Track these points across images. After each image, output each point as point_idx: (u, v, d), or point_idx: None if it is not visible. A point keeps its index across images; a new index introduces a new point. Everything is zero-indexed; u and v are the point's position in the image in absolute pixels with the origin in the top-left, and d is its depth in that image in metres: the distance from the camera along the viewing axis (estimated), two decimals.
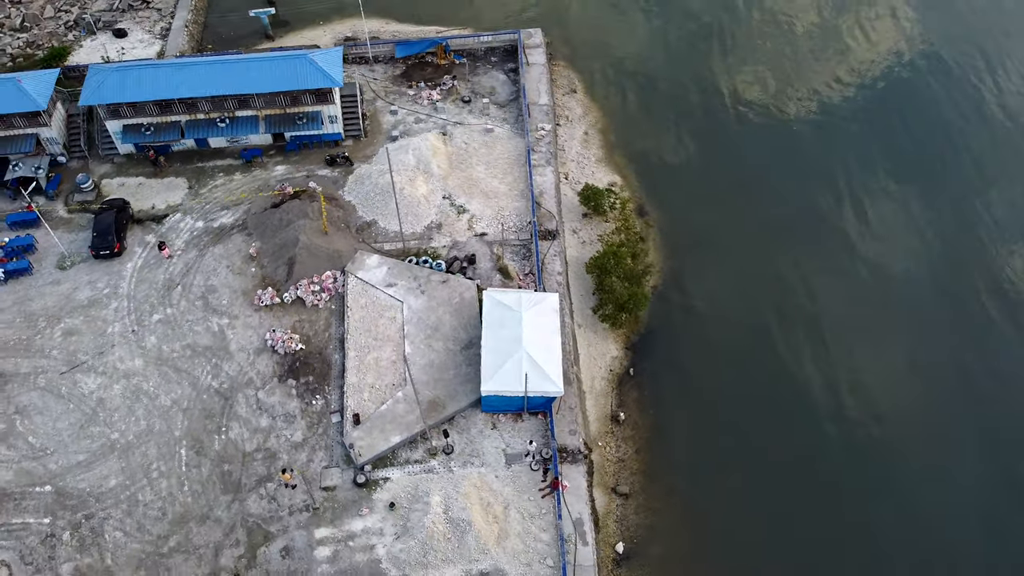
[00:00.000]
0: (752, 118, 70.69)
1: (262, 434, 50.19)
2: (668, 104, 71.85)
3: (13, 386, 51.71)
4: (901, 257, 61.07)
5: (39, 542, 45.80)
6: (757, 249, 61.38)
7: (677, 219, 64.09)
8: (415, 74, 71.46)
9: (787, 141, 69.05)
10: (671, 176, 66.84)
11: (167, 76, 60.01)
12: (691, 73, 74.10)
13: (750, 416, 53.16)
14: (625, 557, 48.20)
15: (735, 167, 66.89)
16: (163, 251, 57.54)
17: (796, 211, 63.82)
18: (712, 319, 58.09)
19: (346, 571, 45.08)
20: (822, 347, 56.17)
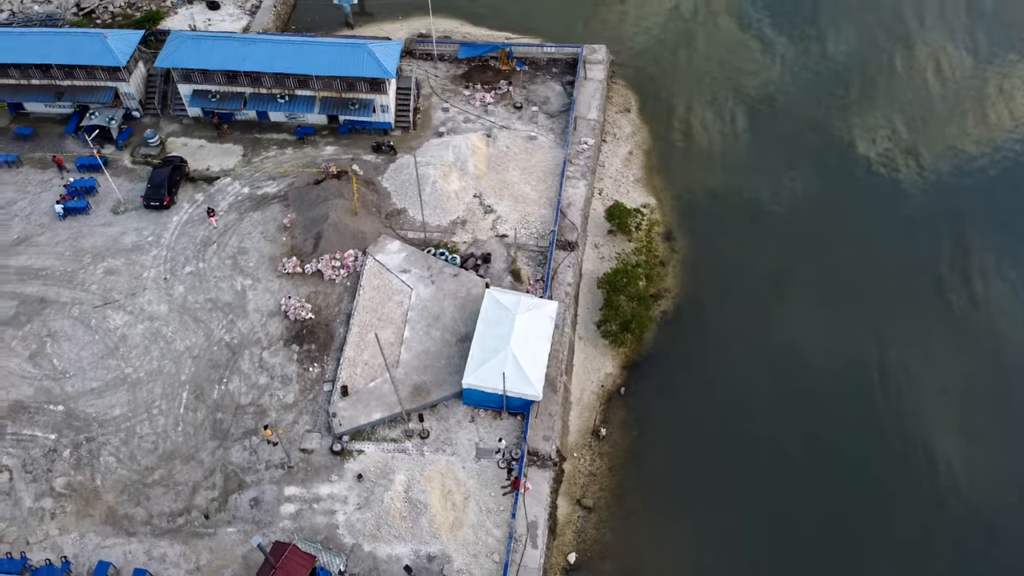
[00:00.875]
0: (817, 161, 69.27)
1: (258, 390, 53.32)
2: (723, 136, 71.64)
3: (51, 312, 56.65)
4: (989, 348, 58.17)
5: (41, 455, 50.20)
6: (786, 300, 60.00)
7: (704, 251, 63.81)
8: (475, 76, 73.76)
9: (855, 192, 66.97)
10: (708, 208, 66.42)
11: (236, 49, 64.35)
12: (751, 106, 73.65)
13: (730, 458, 52.72)
14: (575, 568, 48.85)
15: (780, 210, 65.80)
16: (211, 217, 61.30)
17: (850, 268, 61.80)
18: (715, 357, 57.63)
19: (304, 529, 47.54)
20: (829, 422, 54.57)
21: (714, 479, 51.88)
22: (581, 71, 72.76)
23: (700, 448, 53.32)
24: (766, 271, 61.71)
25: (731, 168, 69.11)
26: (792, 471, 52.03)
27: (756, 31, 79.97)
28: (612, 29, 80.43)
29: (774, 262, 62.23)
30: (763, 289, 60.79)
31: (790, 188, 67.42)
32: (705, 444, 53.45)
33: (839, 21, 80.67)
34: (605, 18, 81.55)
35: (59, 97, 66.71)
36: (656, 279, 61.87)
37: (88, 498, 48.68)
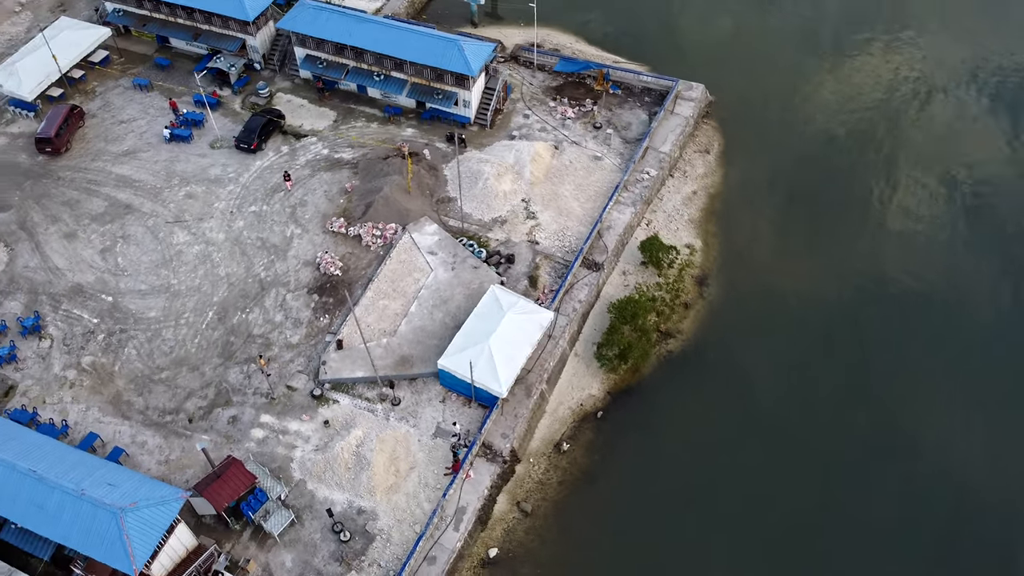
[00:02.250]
0: (899, 239, 66.38)
1: (271, 326, 58.79)
2: (800, 201, 69.34)
3: (131, 218, 64.93)
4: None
5: (81, 334, 58.04)
6: (793, 387, 58.10)
7: (733, 307, 62.77)
8: (567, 90, 76.30)
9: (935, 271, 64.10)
10: (754, 268, 65.00)
11: (346, 24, 70.52)
12: (846, 184, 70.63)
13: (681, 513, 52.42)
14: (493, 562, 50.58)
15: (826, 301, 62.64)
16: (287, 182, 67.03)
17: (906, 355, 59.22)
18: (702, 411, 56.94)
19: (263, 455, 52.29)
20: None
21: (656, 527, 51.77)
22: (668, 104, 73.60)
23: (655, 493, 53.14)
24: (787, 354, 59.67)
25: (797, 238, 66.96)
26: (747, 551, 50.92)
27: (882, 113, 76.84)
28: (725, 71, 79.78)
29: (799, 350, 59.90)
30: (776, 366, 59.09)
31: (851, 284, 63.82)
32: (662, 491, 53.20)
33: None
34: (723, 60, 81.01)
35: (195, 38, 75.82)
36: (673, 318, 62.04)
37: (103, 379, 55.89)
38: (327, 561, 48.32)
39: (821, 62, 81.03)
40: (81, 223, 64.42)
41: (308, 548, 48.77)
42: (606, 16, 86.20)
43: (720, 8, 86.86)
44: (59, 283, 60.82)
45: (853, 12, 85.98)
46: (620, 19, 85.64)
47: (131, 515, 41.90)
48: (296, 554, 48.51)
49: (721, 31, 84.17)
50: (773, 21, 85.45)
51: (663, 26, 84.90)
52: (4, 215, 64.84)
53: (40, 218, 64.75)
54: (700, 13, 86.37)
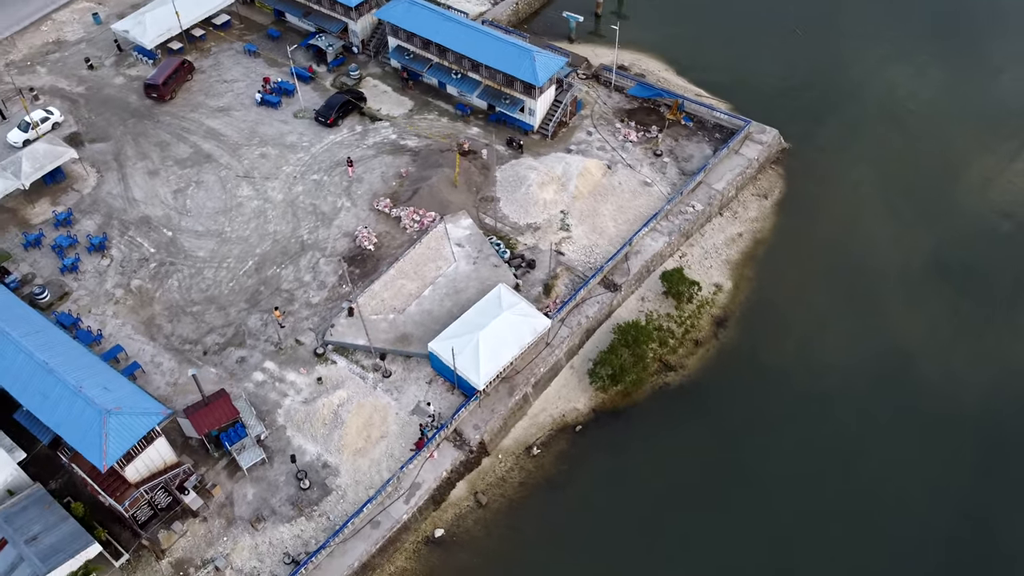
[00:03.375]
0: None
1: (299, 283, 63.38)
2: (854, 267, 67.31)
3: (208, 166, 71.47)
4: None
5: (137, 259, 64.67)
6: (788, 452, 56.76)
7: (746, 356, 62.18)
8: (638, 114, 77.34)
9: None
10: (781, 322, 63.98)
11: (434, 21, 74.63)
12: (919, 264, 67.87)
13: (629, 540, 52.82)
14: (436, 542, 52.76)
15: (850, 377, 60.66)
16: (350, 168, 71.22)
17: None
18: (679, 450, 56.99)
19: (257, 396, 56.73)
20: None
21: (598, 549, 52.39)
22: (734, 143, 73.30)
23: (608, 517, 53.90)
24: (784, 420, 58.20)
25: (834, 306, 64.78)
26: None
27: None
28: (808, 122, 78.63)
29: (799, 420, 58.18)
30: (768, 428, 57.86)
31: (870, 370, 61.05)
32: (615, 516, 53.88)
33: None
34: (808, 111, 79.58)
35: (306, 15, 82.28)
36: (679, 352, 62.13)
37: (144, 302, 62.16)
38: (283, 502, 52.04)
39: (914, 135, 77.80)
40: (165, 163, 71.59)
41: (270, 487, 52.69)
42: (700, 50, 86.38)
43: (818, 61, 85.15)
44: (132, 212, 67.97)
45: (957, 90, 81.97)
46: (714, 55, 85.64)
47: (114, 418, 47.01)
48: (258, 490, 52.53)
49: (815, 83, 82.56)
50: (871, 81, 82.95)
51: (755, 69, 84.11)
52: (103, 145, 72.99)
53: (132, 153, 72.46)
54: (795, 62, 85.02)
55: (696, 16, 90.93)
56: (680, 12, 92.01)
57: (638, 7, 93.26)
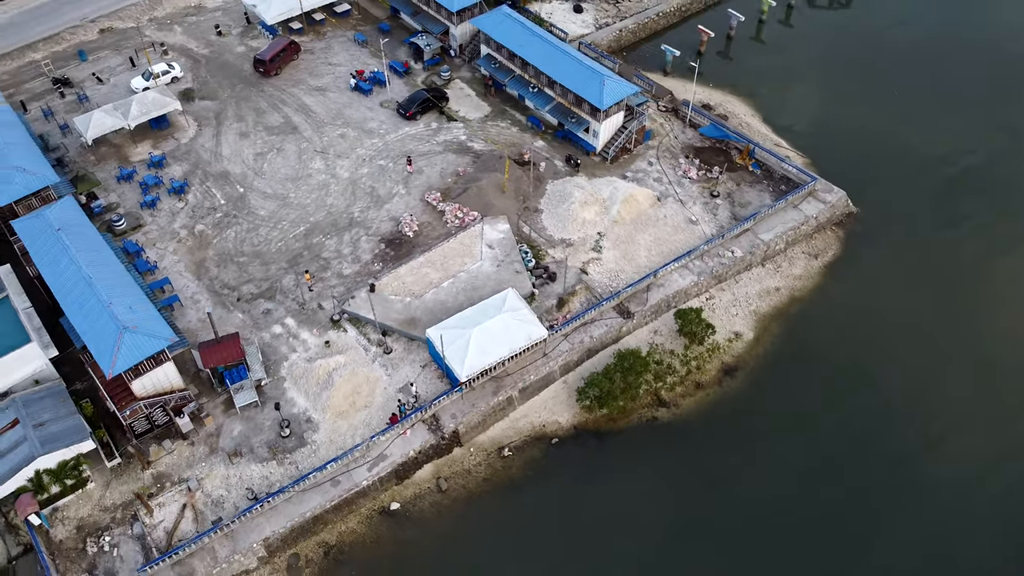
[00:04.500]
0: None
1: (337, 255, 68.06)
2: (896, 354, 64.27)
3: (291, 137, 77.82)
4: None
5: (206, 207, 71.50)
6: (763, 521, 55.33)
7: (748, 409, 61.17)
8: (706, 153, 77.35)
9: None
10: (799, 387, 62.22)
11: (520, 35, 77.89)
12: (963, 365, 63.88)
13: (569, 559, 53.60)
14: (390, 514, 55.58)
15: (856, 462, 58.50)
16: (409, 166, 74.84)
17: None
18: (649, 490, 56.88)
19: (269, 346, 61.67)
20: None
21: (540, 562, 53.61)
22: (794, 197, 72.07)
23: (559, 531, 54.81)
24: (767, 488, 56.70)
25: (859, 382, 62.16)
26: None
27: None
28: (887, 192, 76.19)
29: (782, 492, 56.42)
30: (747, 490, 56.65)
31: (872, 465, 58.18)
32: (564, 534, 54.72)
33: None
34: (889, 182, 77.04)
35: (415, 14, 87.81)
36: (676, 390, 62.08)
37: (201, 245, 68.81)
38: (262, 444, 56.50)
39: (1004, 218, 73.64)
40: (256, 128, 78.65)
41: (255, 429, 57.32)
42: (792, 101, 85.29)
43: (911, 127, 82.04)
44: (215, 166, 75.22)
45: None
46: (805, 108, 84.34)
47: (128, 334, 52.94)
48: (245, 428, 57.28)
49: (903, 149, 79.75)
50: (964, 155, 79.06)
51: (844, 126, 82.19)
52: (210, 103, 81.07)
53: (231, 114, 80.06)
54: (887, 125, 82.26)
55: (797, 67, 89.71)
56: (782, 61, 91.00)
57: (743, 52, 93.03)
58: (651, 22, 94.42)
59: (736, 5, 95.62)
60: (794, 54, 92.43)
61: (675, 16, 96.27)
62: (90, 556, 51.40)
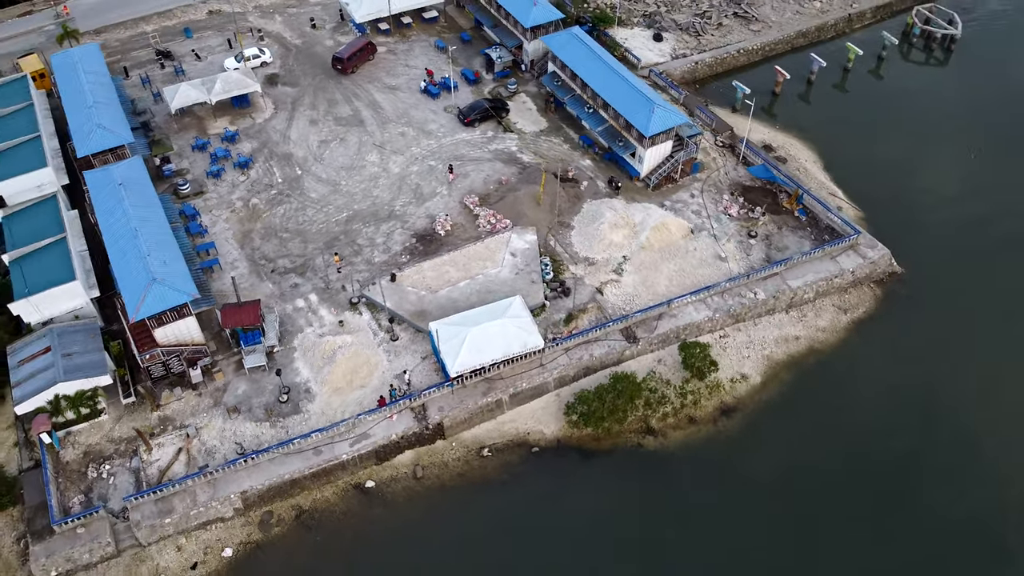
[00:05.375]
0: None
1: (369, 242, 71.56)
2: (900, 416, 62.55)
3: (356, 129, 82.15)
4: None
5: (264, 184, 76.61)
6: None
7: (736, 452, 60.48)
8: (751, 192, 76.72)
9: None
10: (798, 436, 61.13)
11: (583, 56, 79.60)
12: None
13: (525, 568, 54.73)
14: (364, 491, 58.24)
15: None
16: (451, 174, 77.34)
17: None
18: (620, 515, 57.22)
19: (289, 317, 65.65)
20: None
21: (492, 564, 55.03)
22: (832, 248, 70.62)
23: (519, 538, 56.03)
24: (744, 533, 55.88)
25: (862, 453, 60.08)
26: None
27: None
28: (943, 258, 73.63)
29: (759, 540, 55.54)
30: (721, 534, 55.97)
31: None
32: (526, 541, 55.86)
33: None
34: (949, 250, 74.26)
35: (494, 27, 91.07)
36: (667, 420, 62.11)
37: (251, 217, 73.86)
38: (260, 406, 60.38)
39: None
40: (326, 117, 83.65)
41: (258, 390, 61.30)
42: (858, 151, 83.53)
43: (982, 191, 78.80)
44: (281, 146, 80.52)
45: None
46: (871, 161, 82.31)
47: (156, 285, 57.94)
48: (248, 388, 61.35)
49: (968, 213, 76.74)
50: None
51: (908, 184, 79.93)
52: (290, 89, 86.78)
53: (307, 102, 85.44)
54: (957, 187, 79.50)
55: (873, 120, 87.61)
56: (858, 112, 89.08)
57: (820, 98, 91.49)
58: (730, 58, 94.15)
59: (822, 50, 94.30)
60: (873, 106, 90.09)
61: (756, 55, 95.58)
62: (89, 480, 56.50)
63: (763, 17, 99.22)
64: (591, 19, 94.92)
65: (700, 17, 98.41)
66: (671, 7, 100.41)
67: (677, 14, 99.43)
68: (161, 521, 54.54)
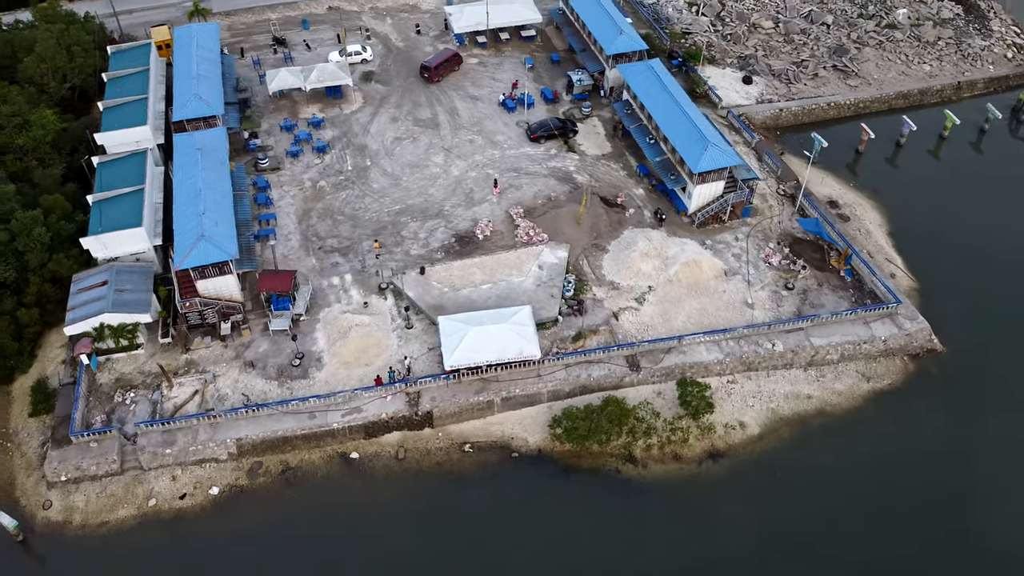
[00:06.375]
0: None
1: (412, 235, 75.64)
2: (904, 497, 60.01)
3: (430, 131, 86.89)
4: None
5: (336, 169, 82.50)
6: None
7: (714, 497, 59.95)
8: (798, 245, 75.47)
9: None
10: (782, 495, 60.08)
11: (653, 88, 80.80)
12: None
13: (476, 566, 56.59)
14: (348, 461, 62.01)
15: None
16: (495, 188, 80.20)
17: None
18: (582, 531, 58.03)
19: (320, 291, 70.60)
20: None
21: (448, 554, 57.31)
22: (865, 312, 68.60)
23: (481, 535, 58.22)
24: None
25: (852, 534, 57.89)
26: None
27: None
28: (996, 339, 69.84)
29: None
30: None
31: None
32: (486, 541, 57.89)
33: None
34: (1007, 330, 70.60)
35: (582, 51, 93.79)
36: (651, 452, 62.40)
37: (316, 198, 79.64)
38: (274, 366, 65.47)
39: None
40: (406, 117, 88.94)
41: (276, 351, 66.49)
42: (928, 223, 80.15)
43: None
44: (360, 138, 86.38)
45: None
46: (939, 235, 78.74)
47: (203, 241, 64.28)
48: (268, 348, 66.65)
49: None
50: None
51: (977, 266, 75.50)
52: (381, 87, 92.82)
53: (394, 100, 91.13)
54: None
55: (957, 192, 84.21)
56: (943, 183, 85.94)
57: (905, 163, 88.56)
58: (818, 109, 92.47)
59: (919, 115, 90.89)
60: (961, 179, 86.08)
61: (848, 110, 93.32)
62: (114, 403, 63.28)
63: (864, 73, 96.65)
64: (682, 55, 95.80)
65: (797, 65, 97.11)
66: (769, 52, 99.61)
67: (774, 59, 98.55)
68: (163, 451, 60.44)
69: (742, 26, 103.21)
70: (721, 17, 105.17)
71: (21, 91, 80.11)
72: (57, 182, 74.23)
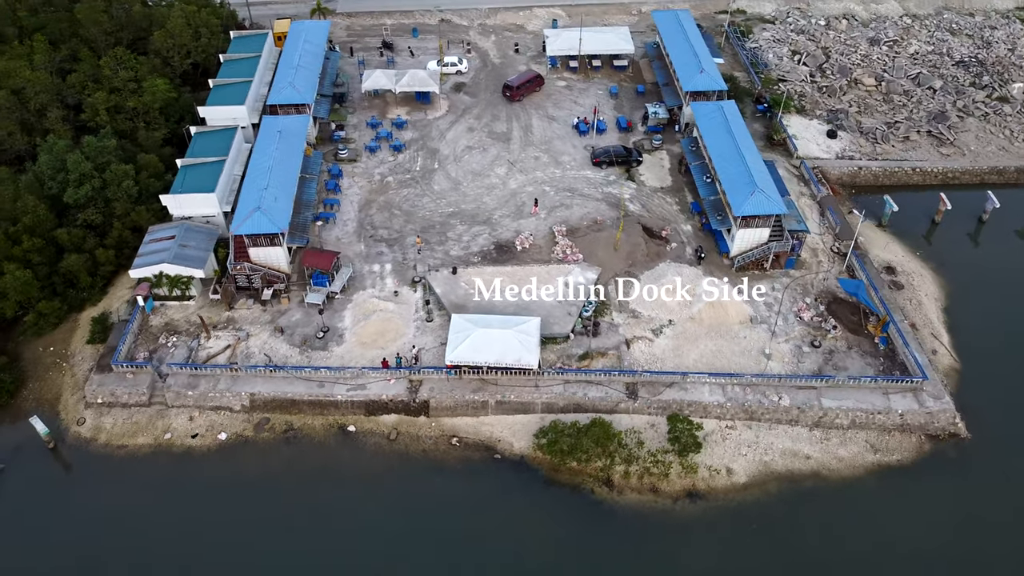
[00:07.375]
0: None
1: (456, 238, 79.63)
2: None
3: (498, 144, 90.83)
4: None
5: (406, 167, 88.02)
6: None
7: (688, 539, 59.64)
8: (840, 305, 73.61)
9: None
10: (748, 562, 58.93)
11: (717, 128, 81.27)
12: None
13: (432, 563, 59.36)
14: (345, 432, 66.34)
15: None
16: (535, 207, 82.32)
17: None
18: (542, 545, 59.56)
19: (360, 274, 75.77)
20: None
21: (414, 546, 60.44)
22: (887, 382, 66.45)
23: (443, 528, 60.96)
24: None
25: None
26: None
27: None
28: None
29: None
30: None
31: None
32: (444, 534, 60.60)
33: None
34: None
35: (664, 85, 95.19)
36: (629, 479, 62.95)
37: (379, 190, 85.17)
38: (300, 335, 71.03)
39: None
40: (482, 128, 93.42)
41: (305, 322, 72.07)
42: (991, 308, 75.38)
43: None
44: (434, 142, 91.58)
45: None
46: (1000, 323, 74.11)
47: (258, 212, 70.99)
48: (300, 317, 72.39)
49: None
50: None
51: None
52: (467, 98, 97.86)
53: (475, 112, 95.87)
54: None
55: None
56: (1019, 270, 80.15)
57: (984, 240, 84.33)
58: (901, 173, 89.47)
59: (1009, 193, 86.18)
60: None
61: (933, 178, 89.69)
62: (157, 344, 70.70)
63: (961, 143, 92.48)
64: (769, 100, 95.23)
65: (889, 126, 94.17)
66: (864, 109, 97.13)
67: (867, 117, 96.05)
68: (186, 392, 67.09)
69: (842, 80, 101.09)
70: (822, 68, 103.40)
71: (148, 61, 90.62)
72: (157, 144, 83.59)
